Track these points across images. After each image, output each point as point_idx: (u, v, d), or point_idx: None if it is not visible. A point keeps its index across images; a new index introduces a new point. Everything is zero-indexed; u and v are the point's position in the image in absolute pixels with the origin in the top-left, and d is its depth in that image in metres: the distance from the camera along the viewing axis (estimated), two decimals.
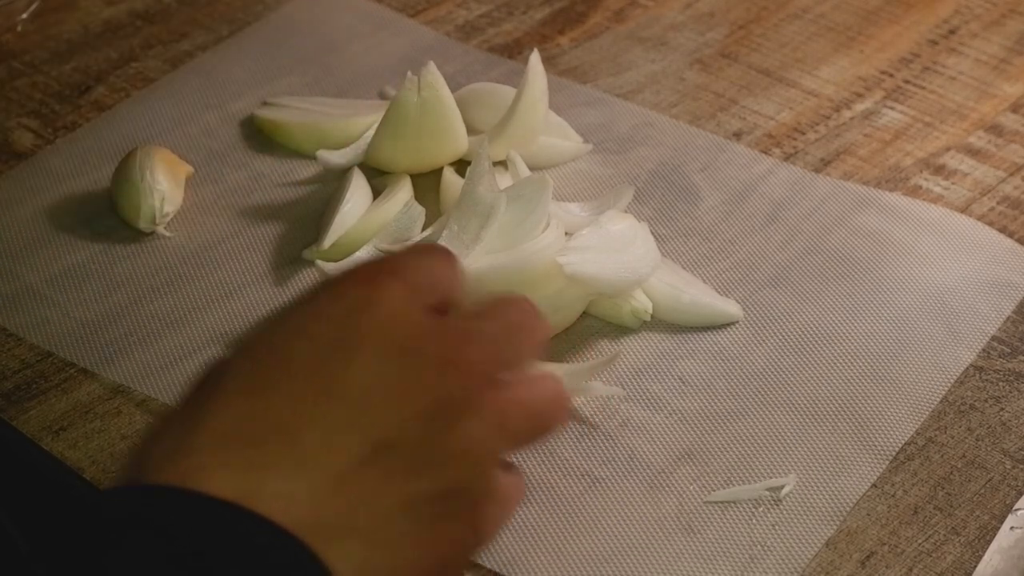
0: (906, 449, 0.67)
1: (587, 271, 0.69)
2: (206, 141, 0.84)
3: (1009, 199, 0.81)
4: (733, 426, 0.68)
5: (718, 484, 0.65)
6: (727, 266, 0.76)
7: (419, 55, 0.88)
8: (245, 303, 0.74)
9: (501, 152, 0.79)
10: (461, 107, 0.79)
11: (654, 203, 0.80)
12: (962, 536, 0.64)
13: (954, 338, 0.72)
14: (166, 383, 0.70)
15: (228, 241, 0.78)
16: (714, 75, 0.90)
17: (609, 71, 0.90)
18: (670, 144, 0.84)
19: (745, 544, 0.63)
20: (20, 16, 0.93)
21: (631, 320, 0.72)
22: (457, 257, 0.53)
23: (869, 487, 0.66)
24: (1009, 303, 0.75)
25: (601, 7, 0.96)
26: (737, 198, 0.81)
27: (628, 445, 0.67)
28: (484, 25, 0.94)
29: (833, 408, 0.69)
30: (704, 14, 0.95)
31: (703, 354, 0.72)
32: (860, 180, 0.82)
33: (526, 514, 0.64)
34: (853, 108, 0.87)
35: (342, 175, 0.80)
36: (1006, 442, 0.68)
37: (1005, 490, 0.66)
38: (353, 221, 0.76)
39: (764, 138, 0.85)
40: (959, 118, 0.87)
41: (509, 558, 0.62)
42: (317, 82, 0.88)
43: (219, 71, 0.89)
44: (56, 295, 0.74)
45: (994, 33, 0.94)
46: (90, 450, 0.67)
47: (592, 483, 0.65)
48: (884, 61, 0.91)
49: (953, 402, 0.70)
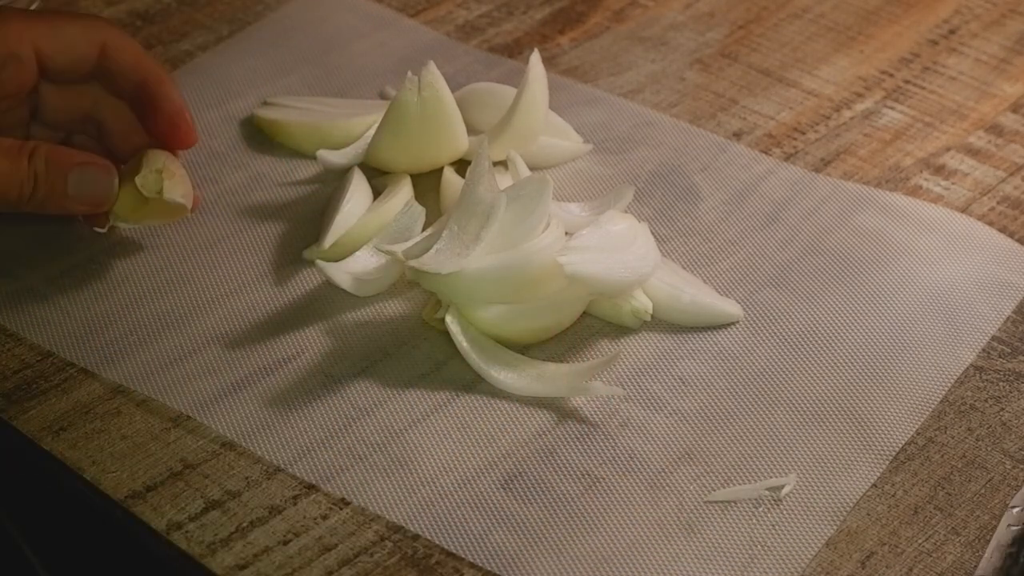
0: (906, 449, 0.68)
1: (587, 271, 0.69)
2: (206, 141, 0.84)
3: (1009, 199, 0.81)
4: (733, 426, 0.68)
5: (718, 484, 0.65)
6: (727, 266, 0.76)
7: (419, 55, 0.88)
8: (245, 303, 0.74)
9: (501, 152, 0.79)
10: (461, 107, 0.79)
11: (654, 203, 0.80)
12: (962, 536, 0.64)
13: (954, 338, 0.73)
14: (166, 383, 0.70)
15: (228, 241, 0.78)
16: (714, 75, 0.90)
17: (609, 71, 0.90)
18: (670, 144, 0.84)
19: (745, 544, 0.63)
20: None
21: (631, 320, 0.72)
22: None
23: (869, 487, 0.66)
24: (1009, 303, 0.75)
25: (601, 7, 0.96)
26: (737, 198, 0.81)
27: (628, 445, 0.67)
28: (484, 25, 0.94)
29: (833, 408, 0.69)
30: (704, 14, 0.95)
31: (703, 354, 0.72)
32: (860, 180, 0.82)
33: (526, 514, 0.64)
34: (853, 108, 0.87)
35: (342, 175, 0.80)
36: (1006, 442, 0.68)
37: (1005, 490, 0.66)
38: (353, 221, 0.76)
39: (764, 138, 0.85)
40: (959, 118, 0.87)
41: (509, 558, 0.62)
42: (317, 82, 0.88)
43: (219, 71, 0.89)
44: (56, 295, 0.74)
45: (994, 33, 0.94)
46: (90, 450, 0.67)
47: (592, 483, 0.66)
48: (884, 61, 0.91)
49: (953, 402, 0.70)
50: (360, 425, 0.68)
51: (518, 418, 0.68)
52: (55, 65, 0.70)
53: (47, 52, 0.69)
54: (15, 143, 0.70)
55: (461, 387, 0.70)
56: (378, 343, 0.72)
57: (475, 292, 0.70)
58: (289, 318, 0.73)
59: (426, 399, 0.69)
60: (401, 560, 0.63)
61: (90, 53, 0.71)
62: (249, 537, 0.63)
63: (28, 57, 0.69)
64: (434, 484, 0.65)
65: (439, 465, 0.66)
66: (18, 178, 0.69)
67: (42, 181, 0.69)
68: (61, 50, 0.70)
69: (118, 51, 0.72)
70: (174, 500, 0.65)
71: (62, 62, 0.71)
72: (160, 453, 0.67)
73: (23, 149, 0.69)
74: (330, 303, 0.74)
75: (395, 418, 0.68)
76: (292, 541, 0.63)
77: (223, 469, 0.66)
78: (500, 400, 0.69)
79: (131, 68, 0.72)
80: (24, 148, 0.70)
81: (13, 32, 0.68)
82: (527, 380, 0.69)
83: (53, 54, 0.70)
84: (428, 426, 0.68)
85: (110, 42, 0.72)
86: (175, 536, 0.63)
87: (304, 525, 0.64)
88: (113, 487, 0.65)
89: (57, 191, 0.70)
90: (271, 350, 0.71)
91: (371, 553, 0.63)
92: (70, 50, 0.70)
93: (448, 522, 0.64)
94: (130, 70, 0.72)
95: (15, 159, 0.69)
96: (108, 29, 0.72)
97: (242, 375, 0.70)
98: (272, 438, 0.67)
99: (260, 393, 0.69)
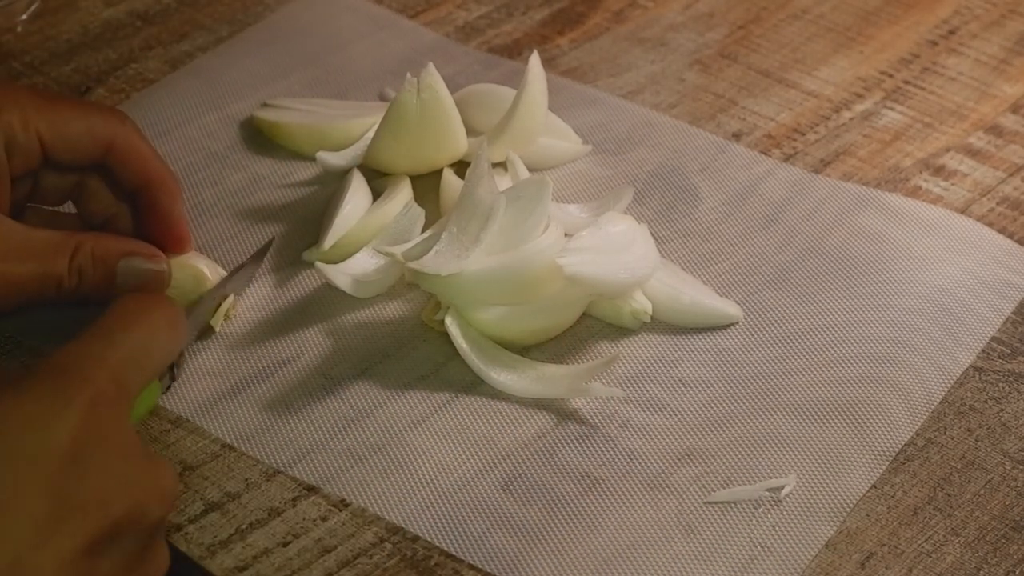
0: (906, 450, 0.68)
1: (587, 272, 0.69)
2: (206, 142, 0.84)
3: (1009, 199, 0.81)
4: (733, 427, 0.68)
5: (718, 485, 0.65)
6: (727, 267, 0.76)
7: (419, 56, 0.88)
8: (245, 304, 0.74)
9: (501, 153, 0.79)
10: (461, 108, 0.79)
11: (654, 204, 0.80)
12: (962, 537, 0.64)
13: (954, 339, 0.73)
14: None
15: (228, 242, 0.78)
16: (714, 76, 0.90)
17: (609, 72, 0.90)
18: (670, 145, 0.84)
19: (745, 545, 0.63)
20: (20, 17, 0.93)
21: (631, 321, 0.72)
22: None
23: (869, 488, 0.66)
24: (1009, 304, 0.75)
25: (601, 8, 0.96)
26: (737, 199, 0.81)
27: (628, 446, 0.67)
28: (484, 26, 0.94)
29: (833, 409, 0.69)
30: (704, 14, 0.95)
31: (703, 355, 0.72)
32: (860, 181, 0.82)
33: (526, 515, 0.64)
34: (853, 109, 0.87)
35: (342, 176, 0.80)
36: (1006, 443, 0.68)
37: (1005, 491, 0.66)
38: (353, 222, 0.76)
39: (764, 139, 0.85)
40: (959, 119, 0.87)
41: (509, 559, 0.62)
42: (317, 83, 0.88)
43: (219, 72, 0.89)
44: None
45: (994, 33, 0.94)
46: None
47: (592, 484, 0.66)
48: (884, 61, 0.91)
49: (953, 403, 0.70)
50: (360, 427, 0.68)
51: (518, 419, 0.68)
52: (56, 156, 0.68)
53: (50, 144, 0.68)
54: (54, 241, 0.68)
55: (461, 388, 0.70)
56: (378, 345, 0.72)
57: (475, 293, 0.70)
58: (289, 320, 0.73)
59: (426, 400, 0.69)
60: (401, 562, 0.63)
61: (94, 152, 0.69)
62: (248, 539, 0.63)
63: (32, 148, 0.68)
64: (434, 485, 0.65)
65: (439, 466, 0.66)
66: (55, 277, 0.68)
67: (88, 277, 0.68)
68: (64, 147, 0.68)
69: (124, 153, 0.70)
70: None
71: (64, 157, 0.69)
72: (160, 455, 0.66)
73: (62, 248, 0.68)
74: (330, 305, 0.74)
75: (395, 420, 0.68)
76: (291, 543, 0.63)
77: (222, 471, 0.66)
78: (500, 401, 0.69)
79: (135, 172, 0.70)
80: (65, 247, 0.68)
81: (18, 121, 0.67)
82: (527, 381, 0.69)
83: (55, 146, 0.68)
84: (428, 427, 0.68)
85: (118, 143, 0.69)
86: (175, 538, 0.63)
87: (303, 527, 0.64)
88: None
89: (104, 284, 0.69)
90: (270, 352, 0.71)
91: (371, 555, 0.63)
92: (73, 148, 0.69)
93: (448, 523, 0.64)
94: (133, 174, 0.70)
95: (52, 260, 0.67)
96: (118, 127, 0.70)
97: (241, 377, 0.70)
98: (271, 440, 0.67)
99: (259, 395, 0.69)
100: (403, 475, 0.66)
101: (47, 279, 0.68)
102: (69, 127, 0.68)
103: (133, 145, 0.70)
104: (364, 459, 0.66)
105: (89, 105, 0.71)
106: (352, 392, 0.69)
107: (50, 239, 0.68)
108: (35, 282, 0.67)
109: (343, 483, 0.65)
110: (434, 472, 0.66)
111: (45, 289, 0.68)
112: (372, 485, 0.65)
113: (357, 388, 0.70)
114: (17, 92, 0.68)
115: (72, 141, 0.68)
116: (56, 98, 0.70)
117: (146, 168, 0.70)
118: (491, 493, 0.65)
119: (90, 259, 0.68)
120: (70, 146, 0.69)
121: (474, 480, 0.66)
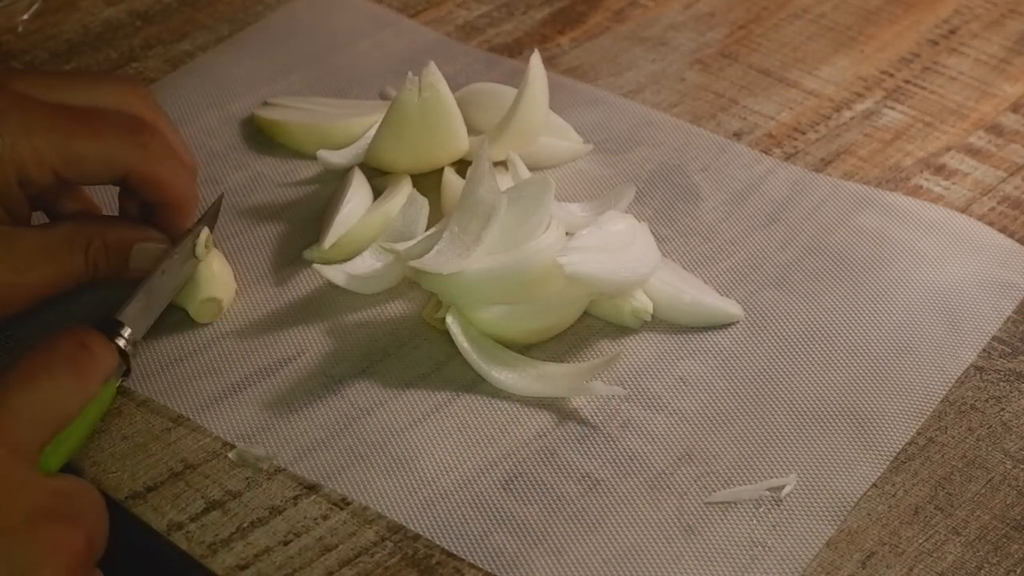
0: (907, 449, 0.68)
1: (588, 271, 0.69)
2: (206, 141, 0.84)
3: (1009, 199, 0.81)
4: (733, 426, 0.68)
5: (719, 485, 0.65)
6: (728, 266, 0.76)
7: (419, 55, 0.88)
8: (245, 303, 0.74)
9: (501, 152, 0.79)
10: (461, 107, 0.79)
11: (654, 203, 0.80)
12: (962, 536, 0.64)
13: (955, 338, 0.73)
14: (166, 384, 0.70)
15: (228, 241, 0.78)
16: (714, 75, 0.90)
17: (609, 71, 0.90)
18: (670, 144, 0.84)
19: (746, 544, 0.63)
20: (21, 17, 0.93)
21: (632, 320, 0.72)
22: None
23: (870, 487, 0.66)
24: (1010, 303, 0.75)
25: (601, 7, 0.96)
26: (737, 198, 0.81)
27: (629, 446, 0.67)
28: (484, 25, 0.94)
29: (833, 408, 0.69)
30: (704, 14, 0.95)
31: (704, 354, 0.72)
32: (860, 180, 0.82)
33: (526, 515, 0.64)
34: (853, 108, 0.87)
35: (343, 175, 0.80)
36: (1007, 442, 0.68)
37: (1006, 490, 0.66)
38: (354, 221, 0.76)
39: (764, 138, 0.85)
40: (959, 118, 0.87)
41: (509, 559, 0.62)
42: (318, 82, 0.88)
43: (219, 71, 0.89)
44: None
45: (994, 33, 0.94)
46: (90, 451, 0.67)
47: (593, 484, 0.66)
48: (884, 61, 0.91)
49: (954, 402, 0.70)
50: (360, 425, 0.68)
51: (519, 418, 0.68)
52: (68, 180, 0.68)
53: (64, 176, 0.67)
54: (68, 238, 0.69)
55: (461, 387, 0.70)
56: (378, 343, 0.72)
57: (476, 292, 0.70)
58: (289, 318, 0.73)
59: (426, 399, 0.69)
60: (401, 560, 0.63)
61: (109, 180, 0.69)
62: (250, 537, 0.63)
63: (45, 180, 0.67)
64: (434, 484, 0.65)
65: (439, 465, 0.66)
66: (73, 274, 0.69)
67: (103, 267, 0.70)
68: (79, 178, 0.69)
69: (140, 180, 0.69)
70: (175, 500, 0.65)
71: (78, 183, 0.70)
72: (161, 453, 0.67)
73: (76, 244, 0.69)
74: (330, 303, 0.74)
75: (395, 418, 0.68)
76: (293, 541, 0.63)
77: (224, 469, 0.66)
78: (500, 400, 0.69)
79: (149, 195, 0.70)
80: (79, 242, 0.69)
81: (32, 158, 0.66)
82: (528, 380, 0.69)
83: (70, 178, 0.68)
84: (428, 426, 0.68)
85: (134, 172, 0.69)
86: (176, 536, 0.63)
87: (304, 525, 0.64)
88: (114, 488, 0.65)
89: (118, 270, 0.70)
90: (271, 350, 0.71)
91: (372, 553, 0.63)
92: (87, 178, 0.69)
93: (448, 522, 0.64)
94: (148, 196, 0.71)
95: (68, 259, 0.69)
96: (136, 156, 0.69)
97: (242, 376, 0.70)
98: (272, 438, 0.67)
99: (260, 394, 0.69)
100: (404, 474, 0.66)
101: (66, 277, 0.69)
102: (84, 164, 0.68)
103: (150, 173, 0.69)
104: (365, 458, 0.66)
105: (106, 126, 0.69)
106: (353, 391, 0.69)
107: (63, 237, 0.69)
108: (56, 282, 0.69)
109: (344, 481, 0.65)
110: (435, 471, 0.66)
111: (65, 285, 0.69)
112: (373, 484, 0.65)
113: (358, 386, 0.70)
114: (30, 117, 0.67)
115: (87, 176, 0.69)
116: (71, 126, 0.67)
117: (162, 193, 0.71)
118: (492, 492, 0.65)
119: (103, 251, 0.70)
120: (84, 178, 0.69)
121: (475, 479, 0.66)
